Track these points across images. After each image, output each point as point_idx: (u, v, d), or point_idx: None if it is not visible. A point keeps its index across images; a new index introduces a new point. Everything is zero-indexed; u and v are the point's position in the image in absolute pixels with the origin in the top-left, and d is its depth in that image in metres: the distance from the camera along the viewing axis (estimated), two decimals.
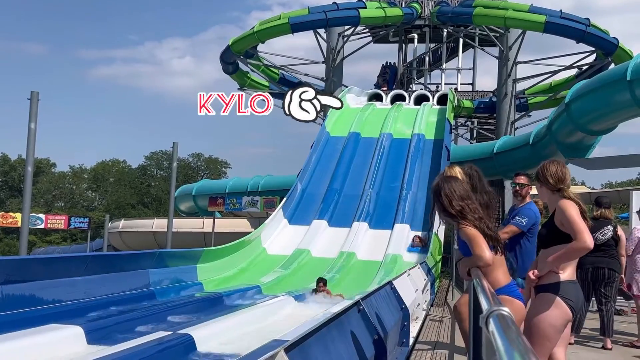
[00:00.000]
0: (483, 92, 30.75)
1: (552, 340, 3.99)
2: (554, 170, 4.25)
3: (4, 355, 3.72)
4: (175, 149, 25.45)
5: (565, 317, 3.98)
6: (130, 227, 37.36)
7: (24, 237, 15.55)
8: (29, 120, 15.39)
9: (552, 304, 3.95)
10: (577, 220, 3.89)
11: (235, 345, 4.32)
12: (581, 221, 3.91)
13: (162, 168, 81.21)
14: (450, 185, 4.11)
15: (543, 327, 3.94)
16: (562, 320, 3.99)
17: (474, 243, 3.90)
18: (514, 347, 1.15)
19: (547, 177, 4.23)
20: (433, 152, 18.38)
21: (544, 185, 4.26)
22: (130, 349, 3.55)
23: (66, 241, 65.61)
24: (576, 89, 16.94)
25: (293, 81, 32.22)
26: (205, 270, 10.16)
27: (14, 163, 78.64)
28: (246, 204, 28.03)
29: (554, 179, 4.21)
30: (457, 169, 5.28)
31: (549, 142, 18.78)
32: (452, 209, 4.02)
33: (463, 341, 5.07)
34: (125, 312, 6.09)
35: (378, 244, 14.42)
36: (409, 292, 7.63)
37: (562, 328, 4.02)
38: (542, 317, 3.96)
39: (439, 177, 4.30)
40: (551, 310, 3.95)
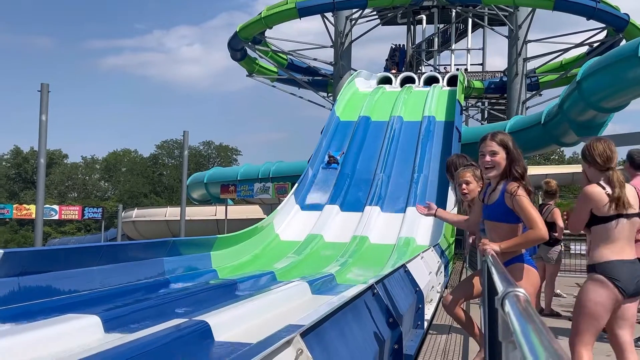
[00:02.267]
0: (493, 72, 30.55)
1: (600, 319, 3.92)
2: (601, 149, 4.11)
3: (24, 346, 3.77)
4: (186, 137, 25.52)
5: (613, 297, 3.89)
6: (144, 216, 37.57)
7: (38, 229, 15.69)
8: (40, 112, 15.47)
9: (600, 284, 3.90)
10: (533, 212, 3.79)
11: (251, 330, 4.35)
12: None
13: (173, 157, 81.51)
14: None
15: (590, 306, 3.90)
16: (609, 300, 3.89)
17: (534, 215, 3.74)
18: (530, 327, 1.15)
19: (595, 156, 4.10)
20: (444, 134, 18.30)
21: (592, 165, 4.13)
22: (147, 337, 3.57)
23: (80, 231, 66.17)
24: (587, 67, 16.79)
25: (302, 66, 32.17)
26: (219, 257, 10.21)
27: (26, 155, 79.19)
28: (258, 190, 28.09)
29: (601, 159, 4.08)
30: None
31: (561, 121, 18.66)
32: (519, 168, 3.89)
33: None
34: (141, 300, 6.13)
35: (390, 227, 14.42)
36: (423, 275, 7.64)
37: (610, 309, 3.92)
38: (589, 296, 3.93)
39: (502, 134, 4.04)
40: (598, 289, 3.90)
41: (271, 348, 2.22)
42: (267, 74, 33.01)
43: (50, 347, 3.84)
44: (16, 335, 3.92)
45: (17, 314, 5.17)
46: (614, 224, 3.95)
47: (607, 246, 3.95)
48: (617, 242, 3.95)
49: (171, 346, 3.58)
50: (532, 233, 3.72)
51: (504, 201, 3.85)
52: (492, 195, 4.01)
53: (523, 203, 3.74)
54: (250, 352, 2.15)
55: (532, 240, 3.80)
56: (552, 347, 0.95)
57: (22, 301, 5.49)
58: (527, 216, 3.73)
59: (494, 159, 3.91)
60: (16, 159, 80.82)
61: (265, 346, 2.24)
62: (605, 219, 3.95)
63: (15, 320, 4.94)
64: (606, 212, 3.96)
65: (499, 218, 3.93)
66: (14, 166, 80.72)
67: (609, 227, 3.96)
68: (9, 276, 5.48)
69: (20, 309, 5.32)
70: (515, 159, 3.91)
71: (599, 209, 3.98)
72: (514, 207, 3.79)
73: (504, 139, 3.95)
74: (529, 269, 3.91)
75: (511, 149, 3.92)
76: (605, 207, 3.96)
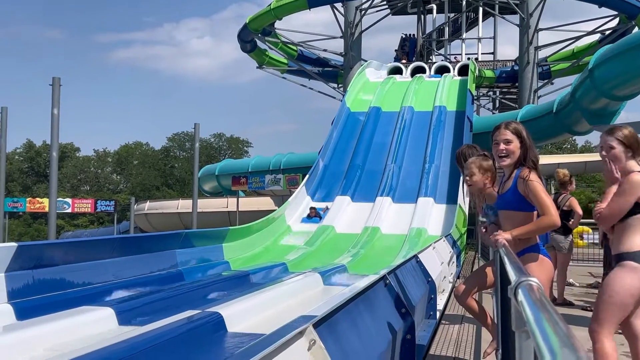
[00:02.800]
0: (504, 61, 30.37)
1: (625, 310, 3.87)
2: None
3: (38, 338, 3.80)
4: (197, 130, 25.58)
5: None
6: (156, 209, 37.76)
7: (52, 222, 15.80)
8: (52, 106, 15.55)
9: (634, 273, 3.83)
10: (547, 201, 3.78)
11: (264, 322, 4.37)
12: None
13: (185, 149, 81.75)
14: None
15: (621, 294, 3.82)
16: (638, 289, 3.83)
17: (546, 201, 3.72)
18: (544, 316, 1.15)
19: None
20: (455, 124, 18.24)
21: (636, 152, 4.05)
22: (161, 328, 3.59)
23: (93, 224, 66.60)
24: (599, 55, 16.64)
25: (312, 57, 32.11)
26: (231, 249, 10.24)
27: (39, 149, 79.70)
28: (269, 182, 28.12)
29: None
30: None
31: (573, 110, 18.53)
32: (533, 156, 3.88)
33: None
34: (154, 292, 6.17)
35: (402, 218, 14.40)
36: (435, 265, 7.64)
37: (638, 297, 3.86)
38: (622, 284, 3.84)
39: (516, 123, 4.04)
40: (633, 278, 3.82)
41: (284, 339, 2.23)
42: (277, 65, 32.98)
43: (64, 339, 3.88)
44: (31, 327, 3.96)
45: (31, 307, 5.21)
46: None
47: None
48: None
49: (185, 338, 3.60)
50: (544, 219, 3.70)
51: (517, 188, 3.84)
52: (505, 184, 4.00)
53: (536, 188, 3.72)
54: (263, 343, 2.16)
55: (544, 226, 3.77)
56: (566, 336, 0.95)
57: (37, 294, 5.53)
58: (539, 202, 3.72)
59: (508, 148, 3.91)
60: (29, 152, 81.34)
61: (278, 337, 2.24)
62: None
63: (29, 313, 4.98)
64: None
65: (512, 206, 3.92)
66: (27, 160, 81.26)
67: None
68: (23, 269, 5.52)
69: (34, 302, 5.36)
70: (529, 148, 3.91)
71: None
72: (527, 193, 3.77)
73: (518, 128, 3.95)
74: (543, 258, 3.89)
75: (525, 138, 3.92)
76: None
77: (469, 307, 5.01)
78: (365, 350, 3.30)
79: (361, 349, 3.23)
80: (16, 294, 5.36)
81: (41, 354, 3.54)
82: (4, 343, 3.61)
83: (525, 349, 1.73)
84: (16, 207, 36.19)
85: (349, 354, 2.95)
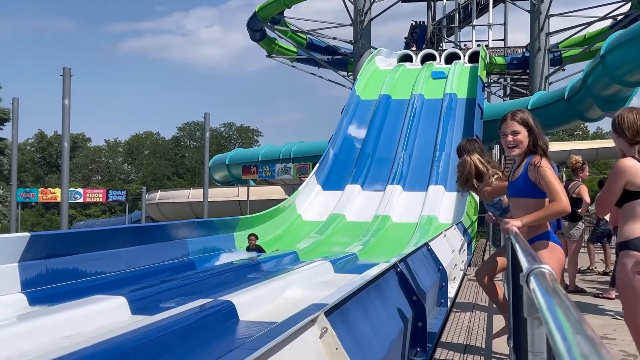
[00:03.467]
0: (515, 48, 30.14)
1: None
2: (632, 120, 3.90)
3: (52, 327, 3.83)
4: (207, 119, 25.61)
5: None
6: (167, 198, 37.88)
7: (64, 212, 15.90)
8: (63, 96, 15.61)
9: (627, 258, 3.75)
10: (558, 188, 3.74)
11: (275, 310, 4.38)
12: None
13: (195, 139, 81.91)
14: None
15: (631, 282, 3.73)
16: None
17: (557, 187, 3.68)
18: (556, 303, 1.14)
19: (624, 128, 3.91)
20: (466, 111, 18.15)
21: (621, 137, 3.94)
22: (173, 317, 3.61)
23: (105, 214, 66.95)
24: (611, 40, 16.50)
25: (321, 46, 32.01)
26: (243, 238, 10.29)
27: (50, 139, 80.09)
28: (279, 171, 28.16)
29: (631, 132, 3.88)
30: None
31: (585, 96, 18.40)
32: (542, 143, 3.85)
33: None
34: (166, 281, 6.21)
35: (413, 206, 14.39)
36: (446, 253, 7.63)
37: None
38: (628, 273, 3.74)
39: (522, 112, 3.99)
40: (627, 264, 3.74)
41: (296, 327, 2.23)
42: (286, 54, 32.91)
43: (78, 328, 3.91)
44: (45, 316, 4.00)
45: (45, 296, 5.26)
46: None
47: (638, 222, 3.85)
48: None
49: (197, 326, 3.62)
50: (554, 205, 3.67)
51: (528, 175, 3.82)
52: (515, 172, 3.98)
53: (546, 174, 3.70)
54: (275, 331, 2.17)
55: (554, 212, 3.74)
56: (579, 323, 0.95)
57: (50, 283, 5.59)
58: (549, 187, 3.69)
59: (516, 138, 3.90)
60: (40, 143, 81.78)
61: (290, 325, 2.25)
62: (638, 194, 3.83)
63: (43, 302, 5.03)
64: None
65: (523, 193, 3.90)
66: (39, 150, 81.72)
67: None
68: (36, 259, 5.57)
69: (48, 291, 5.41)
70: (537, 135, 3.89)
71: (634, 184, 3.86)
72: (538, 179, 3.75)
73: (524, 117, 3.93)
74: (554, 246, 3.87)
75: (532, 126, 3.91)
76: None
77: (485, 287, 4.97)
78: (377, 338, 3.31)
79: (373, 336, 3.24)
80: (30, 284, 5.41)
81: (54, 342, 3.57)
82: (18, 332, 3.65)
83: (537, 336, 1.73)
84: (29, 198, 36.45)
85: (361, 341, 2.96)
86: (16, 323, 3.90)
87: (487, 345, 5.50)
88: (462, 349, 5.34)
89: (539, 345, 1.71)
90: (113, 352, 2.96)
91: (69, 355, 2.79)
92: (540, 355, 1.69)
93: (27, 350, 3.43)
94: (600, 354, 0.79)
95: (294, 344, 2.19)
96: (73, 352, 2.81)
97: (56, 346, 3.31)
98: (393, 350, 3.61)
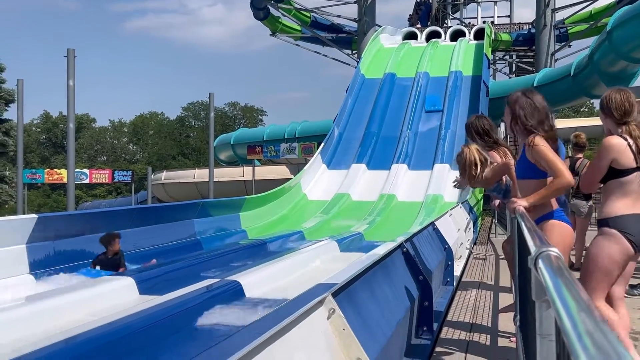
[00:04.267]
0: (521, 24, 29.87)
1: (611, 276, 3.80)
2: (619, 101, 3.91)
3: (62, 307, 3.87)
4: (211, 99, 25.55)
5: (626, 252, 3.77)
6: (173, 179, 37.95)
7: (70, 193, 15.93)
8: (67, 77, 15.57)
9: (612, 239, 3.77)
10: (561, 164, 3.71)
11: (282, 289, 4.41)
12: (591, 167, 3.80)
13: (200, 118, 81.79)
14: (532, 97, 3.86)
15: (602, 261, 3.76)
16: (622, 255, 3.77)
17: (556, 162, 3.60)
18: (565, 287, 1.15)
19: (612, 109, 3.92)
20: (471, 89, 18.05)
21: (608, 117, 3.96)
22: (181, 297, 3.64)
23: (111, 194, 67.15)
24: (618, 16, 16.32)
25: (325, 24, 31.80)
26: (248, 217, 10.31)
27: (55, 120, 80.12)
28: (284, 150, 28.11)
29: (618, 113, 3.89)
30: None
31: (591, 73, 18.26)
32: (529, 120, 3.76)
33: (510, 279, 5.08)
34: (173, 261, 6.24)
35: (418, 185, 14.38)
36: (452, 232, 7.64)
37: (622, 264, 3.80)
38: (601, 251, 3.78)
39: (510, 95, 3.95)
40: (611, 244, 3.76)
41: (304, 308, 2.25)
42: (290, 32, 32.69)
43: (87, 308, 3.94)
44: (54, 297, 4.03)
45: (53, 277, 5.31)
46: (633, 177, 3.80)
47: (621, 200, 3.80)
48: (631, 196, 3.81)
49: (205, 306, 3.65)
50: (557, 181, 3.63)
51: (526, 156, 3.80)
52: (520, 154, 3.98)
53: (542, 151, 3.64)
54: (283, 312, 2.18)
55: (558, 188, 3.70)
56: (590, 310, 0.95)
57: (58, 264, 5.62)
58: (549, 165, 3.63)
59: (508, 123, 3.93)
60: (46, 123, 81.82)
61: (297, 306, 2.27)
62: (623, 172, 3.83)
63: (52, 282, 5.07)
64: (629, 165, 3.83)
65: (524, 175, 3.88)
66: (44, 131, 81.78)
67: (628, 181, 3.80)
68: (43, 240, 5.60)
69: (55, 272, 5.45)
70: (518, 114, 3.81)
71: (619, 162, 3.83)
72: (536, 159, 3.71)
73: (508, 99, 3.92)
74: (561, 224, 3.84)
75: (512, 105, 3.86)
76: (628, 160, 3.83)
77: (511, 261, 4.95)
78: (384, 317, 3.32)
79: (380, 316, 3.26)
80: (37, 265, 5.45)
81: (63, 322, 3.61)
82: (27, 312, 3.68)
83: (545, 319, 1.73)
84: (35, 179, 36.52)
85: (368, 321, 2.97)
86: (25, 304, 3.94)
87: (493, 323, 5.53)
88: (468, 328, 5.37)
89: (547, 328, 1.71)
90: (122, 332, 2.99)
91: (79, 335, 2.81)
92: (548, 337, 1.69)
93: (36, 331, 3.47)
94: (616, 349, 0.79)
95: (301, 325, 2.21)
96: (83, 332, 2.84)
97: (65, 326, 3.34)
98: (400, 329, 3.64)
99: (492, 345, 4.87)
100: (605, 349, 0.78)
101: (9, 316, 3.55)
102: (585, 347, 0.81)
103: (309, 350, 2.25)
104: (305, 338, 2.23)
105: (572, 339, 0.87)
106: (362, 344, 2.53)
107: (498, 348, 4.79)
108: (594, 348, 0.80)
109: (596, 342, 0.81)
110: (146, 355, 2.99)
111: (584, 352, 0.80)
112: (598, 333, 0.84)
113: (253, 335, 1.85)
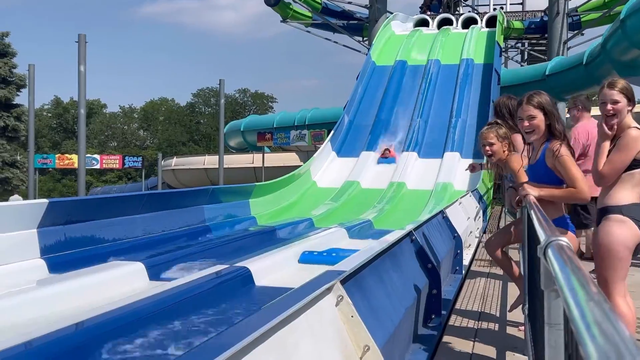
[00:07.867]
0: (533, 12, 29.62)
1: (626, 261, 3.77)
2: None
3: (72, 293, 3.90)
4: (222, 86, 25.56)
5: (636, 237, 3.77)
6: (183, 165, 38.06)
7: (81, 178, 16.03)
8: (78, 63, 15.61)
9: (624, 225, 3.76)
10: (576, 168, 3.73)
11: (291, 276, 4.42)
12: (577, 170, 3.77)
13: (210, 105, 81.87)
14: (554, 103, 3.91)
15: (615, 248, 3.73)
16: (633, 239, 3.76)
17: (577, 176, 3.65)
18: (574, 276, 1.14)
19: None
20: (483, 77, 17.93)
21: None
22: (190, 283, 3.66)
23: (122, 180, 67.46)
24: (632, 4, 16.14)
25: (336, 10, 31.66)
26: (258, 204, 10.32)
27: (66, 105, 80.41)
28: (294, 137, 28.12)
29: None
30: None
31: (604, 61, 18.11)
32: (559, 126, 3.81)
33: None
34: (183, 247, 6.27)
35: (428, 173, 14.34)
36: (461, 220, 7.63)
37: (633, 248, 3.79)
38: (614, 238, 3.75)
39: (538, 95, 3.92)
40: (622, 230, 3.75)
41: (312, 295, 2.25)
42: (301, 19, 32.56)
43: (97, 294, 3.97)
44: (64, 282, 4.06)
45: (63, 262, 5.33)
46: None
47: (634, 190, 3.82)
48: (635, 185, 3.85)
49: (214, 292, 3.67)
50: (574, 192, 3.66)
51: (545, 161, 3.79)
52: (534, 155, 3.96)
53: (566, 163, 3.67)
54: (291, 299, 2.19)
55: (573, 197, 3.74)
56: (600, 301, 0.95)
57: (68, 249, 5.65)
58: (569, 176, 3.66)
59: (533, 123, 3.86)
60: (57, 109, 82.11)
61: (306, 293, 2.27)
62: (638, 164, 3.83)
63: (62, 268, 5.10)
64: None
65: (540, 179, 3.88)
66: (55, 116, 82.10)
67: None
68: (54, 225, 5.63)
69: (66, 257, 5.48)
70: (554, 119, 3.83)
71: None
72: (556, 166, 3.72)
73: (540, 101, 3.88)
74: (568, 234, 3.85)
75: (548, 110, 3.85)
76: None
77: (497, 259, 5.01)
78: (392, 306, 3.33)
79: (388, 304, 3.26)
80: (48, 250, 5.48)
81: (74, 307, 3.64)
82: (38, 297, 3.71)
83: (554, 308, 1.73)
84: (46, 164, 36.77)
85: (376, 308, 2.98)
86: (36, 288, 3.97)
87: (502, 312, 5.53)
88: (477, 316, 5.37)
89: (555, 317, 1.71)
90: (132, 318, 3.01)
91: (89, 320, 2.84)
92: (557, 327, 1.69)
93: (47, 315, 3.50)
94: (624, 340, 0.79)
95: (310, 312, 2.22)
96: (92, 317, 2.86)
97: (76, 311, 3.36)
98: (408, 317, 3.64)
99: (500, 334, 4.88)
100: (613, 338, 0.78)
101: (17, 300, 3.58)
102: (593, 337, 0.81)
103: (317, 337, 2.26)
104: (314, 324, 2.24)
105: (580, 328, 0.87)
106: (370, 330, 2.54)
107: (506, 336, 4.79)
108: (602, 337, 0.80)
109: (604, 332, 0.81)
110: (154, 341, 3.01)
111: (592, 341, 0.80)
112: (606, 323, 0.84)
113: (262, 321, 1.86)
